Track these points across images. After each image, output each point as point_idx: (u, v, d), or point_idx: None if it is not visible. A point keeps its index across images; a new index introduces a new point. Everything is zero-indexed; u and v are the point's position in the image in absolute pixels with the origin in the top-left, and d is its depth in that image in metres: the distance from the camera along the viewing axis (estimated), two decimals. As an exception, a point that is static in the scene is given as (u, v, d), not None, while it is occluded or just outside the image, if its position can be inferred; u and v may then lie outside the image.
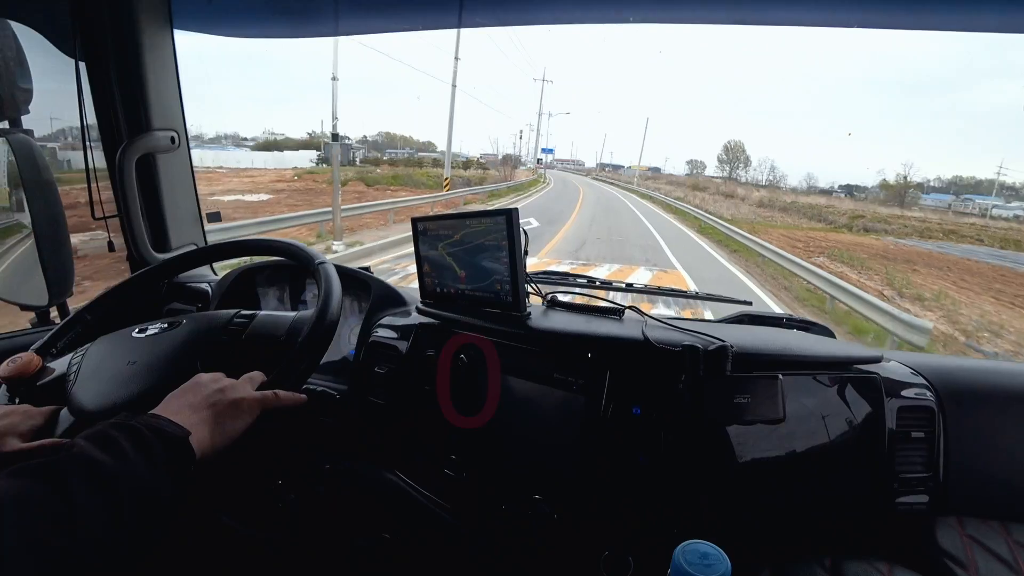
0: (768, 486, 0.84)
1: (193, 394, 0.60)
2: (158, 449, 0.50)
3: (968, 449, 0.91)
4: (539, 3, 1.24)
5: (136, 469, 0.47)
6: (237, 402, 0.61)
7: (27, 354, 0.74)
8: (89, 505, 0.42)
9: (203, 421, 0.57)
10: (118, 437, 0.48)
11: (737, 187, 42.88)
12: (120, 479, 0.45)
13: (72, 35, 1.12)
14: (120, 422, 0.51)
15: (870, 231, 21.85)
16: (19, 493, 0.40)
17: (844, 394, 0.86)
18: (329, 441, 1.09)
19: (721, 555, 0.53)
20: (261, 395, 0.64)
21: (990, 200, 40.01)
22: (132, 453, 0.47)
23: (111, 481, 0.44)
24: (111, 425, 0.50)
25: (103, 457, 0.45)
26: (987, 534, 0.83)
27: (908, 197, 42.28)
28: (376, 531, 1.04)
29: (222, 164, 28.56)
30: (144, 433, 0.50)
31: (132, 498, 0.45)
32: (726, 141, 73.03)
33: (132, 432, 0.49)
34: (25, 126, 1.01)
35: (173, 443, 0.52)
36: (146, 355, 0.74)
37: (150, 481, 0.47)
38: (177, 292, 1.34)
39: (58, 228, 0.93)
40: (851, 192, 51.82)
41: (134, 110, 1.23)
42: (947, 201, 42.73)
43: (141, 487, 0.46)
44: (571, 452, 0.84)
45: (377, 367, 1.05)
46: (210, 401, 0.60)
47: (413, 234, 1.05)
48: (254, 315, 0.83)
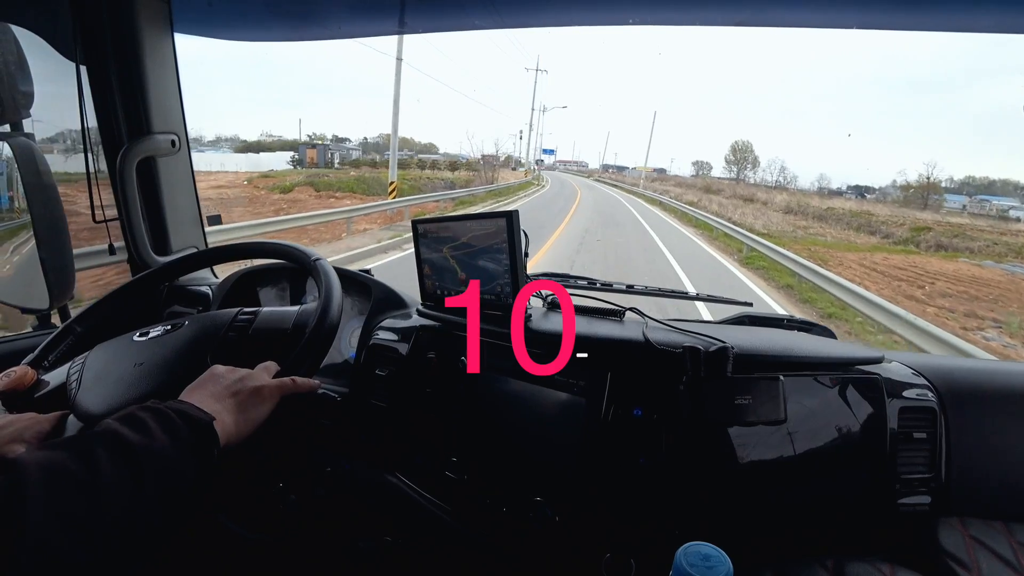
0: (770, 487, 0.84)
1: (213, 384, 0.61)
2: (184, 431, 0.50)
3: (970, 450, 0.90)
4: (538, 5, 1.24)
5: (162, 448, 0.47)
6: (258, 389, 0.62)
7: (20, 368, 0.73)
8: (114, 477, 0.43)
9: (226, 409, 0.58)
10: (146, 418, 0.49)
11: (756, 190, 37.28)
12: (145, 455, 0.45)
13: (73, 39, 1.12)
14: (148, 406, 0.51)
15: (948, 249, 15.88)
16: (46, 461, 0.41)
17: (845, 395, 0.86)
18: (330, 443, 1.09)
19: (723, 556, 0.53)
20: (279, 382, 0.65)
21: (1006, 201, 38.12)
22: (159, 432, 0.48)
23: (136, 456, 0.45)
24: (140, 408, 0.51)
25: (130, 433, 0.46)
26: (990, 535, 0.83)
27: (931, 200, 37.18)
28: (377, 533, 1.04)
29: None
30: (171, 415, 0.51)
31: (156, 475, 0.45)
32: (734, 141, 71.57)
33: (159, 414, 0.50)
34: (26, 130, 1.01)
35: (199, 427, 0.52)
36: (154, 356, 0.74)
37: (176, 461, 0.48)
38: (177, 295, 1.34)
39: (59, 231, 0.93)
40: (862, 193, 49.57)
41: (135, 113, 1.23)
42: (961, 202, 39.80)
43: (166, 466, 0.47)
44: (572, 454, 0.84)
45: (378, 369, 1.05)
46: (232, 390, 0.60)
47: (413, 236, 1.06)
48: (257, 312, 0.84)
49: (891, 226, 20.35)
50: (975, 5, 1.00)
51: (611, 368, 0.84)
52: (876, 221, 21.37)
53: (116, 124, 1.23)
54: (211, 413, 0.55)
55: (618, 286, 1.22)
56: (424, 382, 1.00)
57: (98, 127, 1.23)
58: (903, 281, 9.83)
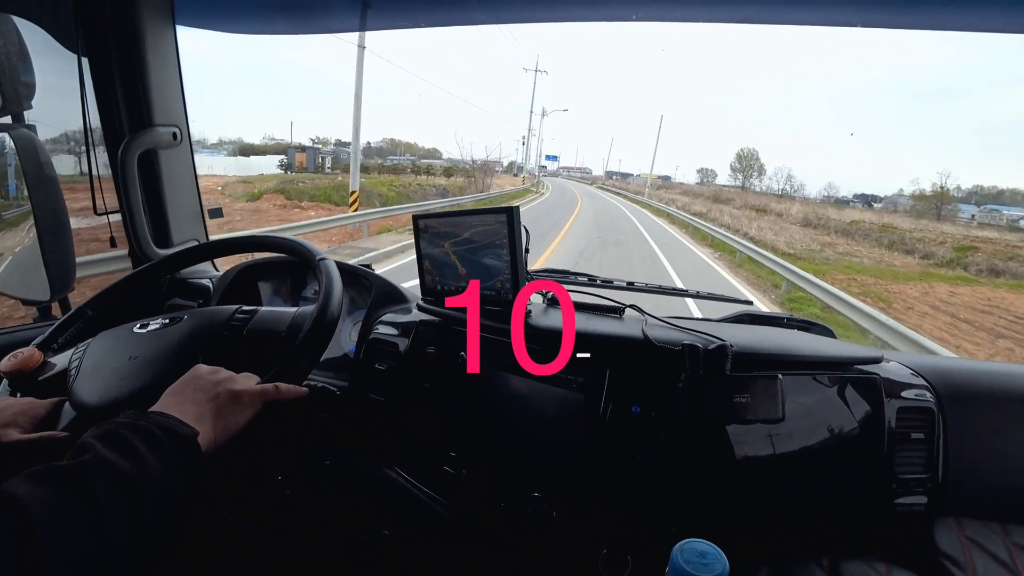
0: (767, 485, 0.84)
1: (193, 388, 0.60)
2: (172, 451, 0.49)
3: (967, 450, 0.91)
4: (539, 1, 1.24)
5: (155, 474, 0.46)
6: (239, 394, 0.61)
7: (28, 349, 0.74)
8: (116, 513, 0.42)
9: (205, 415, 0.57)
10: (134, 440, 0.47)
11: (768, 200, 35.41)
12: (141, 485, 0.45)
13: (75, 31, 1.12)
14: (131, 422, 0.50)
15: (1006, 274, 13.53)
16: (50, 502, 0.40)
17: (844, 394, 0.86)
18: (329, 437, 1.09)
19: (719, 554, 0.53)
20: (261, 388, 0.64)
21: (1016, 211, 36.83)
22: (149, 457, 0.47)
23: (132, 486, 0.44)
24: (123, 426, 0.49)
25: (123, 463, 0.45)
26: (986, 536, 0.83)
27: (944, 211, 35.09)
28: (375, 527, 1.04)
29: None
30: (157, 435, 0.49)
31: (153, 502, 0.45)
32: (739, 149, 70.40)
33: (145, 434, 0.49)
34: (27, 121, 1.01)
35: (184, 444, 0.51)
36: (147, 350, 0.74)
37: (168, 485, 0.47)
38: (178, 288, 1.34)
39: (60, 223, 0.93)
40: (869, 202, 48.59)
41: (136, 106, 1.23)
42: (971, 212, 38.22)
43: (160, 491, 0.46)
44: (570, 450, 0.84)
45: (377, 364, 1.05)
46: (212, 394, 0.59)
47: (414, 232, 1.06)
48: (255, 311, 0.84)
49: (927, 244, 17.91)
50: (979, 4, 0.99)
51: (610, 365, 0.84)
52: (910, 238, 19.08)
53: (118, 116, 1.23)
54: (190, 421, 0.54)
55: (618, 283, 1.22)
56: (423, 377, 1.01)
57: (100, 119, 1.23)
58: (1005, 337, 7.41)
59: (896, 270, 13.91)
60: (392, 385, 1.03)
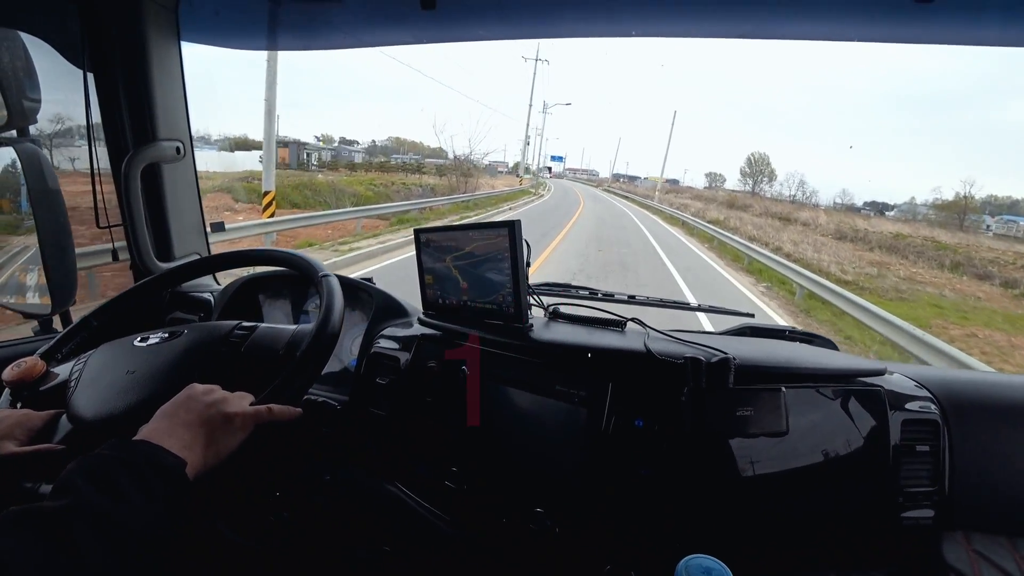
0: (772, 500, 0.83)
1: (186, 410, 0.59)
2: (158, 486, 0.49)
3: (974, 463, 0.90)
4: (541, 18, 1.25)
5: (139, 513, 0.46)
6: (231, 417, 0.60)
7: (32, 359, 0.74)
8: (98, 558, 0.42)
9: (196, 440, 0.57)
10: (118, 479, 0.47)
11: (788, 207, 32.07)
12: (125, 526, 0.45)
13: (81, 46, 1.14)
14: (118, 456, 0.50)
15: None
16: (28, 552, 0.39)
17: (848, 407, 0.85)
18: (329, 452, 1.08)
19: (724, 570, 0.53)
20: (255, 410, 0.63)
21: None
22: (134, 495, 0.47)
23: (117, 530, 0.44)
24: (108, 460, 0.49)
25: (107, 505, 0.45)
26: (994, 549, 0.82)
27: (967, 221, 32.11)
28: (376, 542, 1.03)
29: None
30: (143, 470, 0.49)
31: (136, 542, 0.45)
32: (750, 153, 69.62)
33: (131, 469, 0.49)
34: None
35: (171, 476, 0.51)
36: (145, 365, 0.74)
37: (152, 521, 0.47)
38: (180, 301, 1.34)
39: (63, 237, 0.94)
40: (881, 211, 47.42)
41: (140, 120, 1.24)
42: (986, 222, 36.28)
43: (145, 528, 0.46)
44: (573, 465, 0.83)
45: (378, 378, 1.05)
46: (204, 417, 0.59)
47: (416, 245, 1.06)
48: (255, 327, 0.83)
49: (1003, 267, 13.67)
50: (975, 19, 1.00)
51: (612, 379, 0.84)
52: (979, 259, 14.71)
53: (122, 130, 1.24)
54: (181, 446, 0.54)
55: (620, 297, 1.22)
56: (425, 391, 1.00)
57: (104, 133, 1.24)
58: None
59: (988, 307, 10.05)
60: (393, 399, 1.02)
